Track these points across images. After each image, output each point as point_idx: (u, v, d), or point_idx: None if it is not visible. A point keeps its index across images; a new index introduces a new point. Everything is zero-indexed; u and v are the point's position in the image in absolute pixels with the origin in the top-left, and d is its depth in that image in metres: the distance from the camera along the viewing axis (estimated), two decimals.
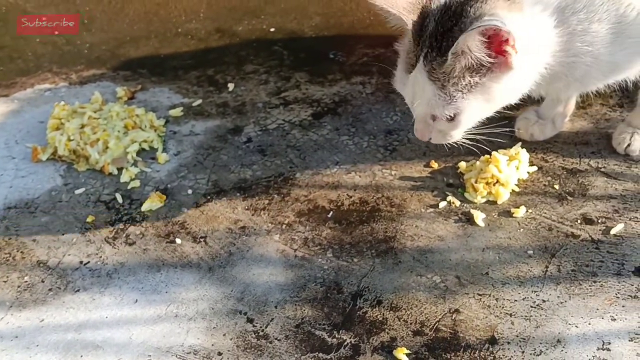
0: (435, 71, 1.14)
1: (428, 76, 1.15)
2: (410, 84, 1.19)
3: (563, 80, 1.28)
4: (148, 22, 2.08)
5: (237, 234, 1.42)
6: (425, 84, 1.16)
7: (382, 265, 1.33)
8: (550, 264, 1.31)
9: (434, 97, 1.16)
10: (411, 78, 1.19)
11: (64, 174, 1.57)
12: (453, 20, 1.12)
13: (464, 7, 1.12)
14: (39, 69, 1.92)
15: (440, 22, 1.13)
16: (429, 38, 1.13)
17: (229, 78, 1.85)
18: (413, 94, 1.20)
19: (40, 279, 1.34)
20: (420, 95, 1.18)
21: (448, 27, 1.12)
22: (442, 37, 1.12)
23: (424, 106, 1.19)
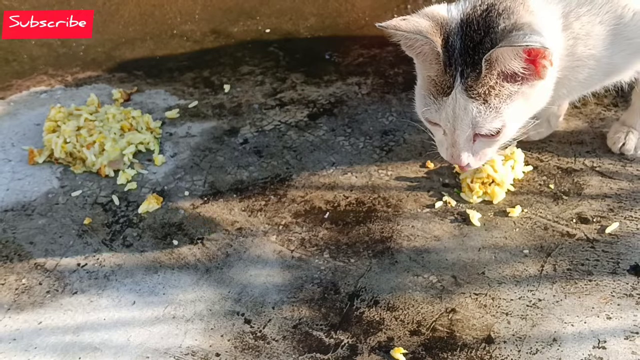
0: (473, 88, 1.12)
1: (468, 95, 1.12)
2: (450, 107, 1.15)
3: (566, 86, 1.28)
4: (143, 24, 2.08)
5: (234, 235, 1.42)
6: (467, 102, 1.13)
7: (378, 266, 1.34)
8: (546, 263, 1.32)
9: (479, 113, 1.13)
10: (449, 101, 1.14)
11: (60, 177, 1.57)
12: (480, 33, 1.11)
13: (488, 19, 1.11)
14: (35, 71, 1.92)
15: (466, 38, 1.11)
16: (461, 56, 1.12)
17: (225, 79, 1.85)
18: (454, 117, 1.15)
19: (38, 281, 1.35)
20: (462, 116, 1.14)
21: (477, 41, 1.11)
22: (473, 52, 1.11)
23: (468, 127, 1.16)
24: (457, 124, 1.16)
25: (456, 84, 1.13)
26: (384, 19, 2.01)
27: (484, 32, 1.11)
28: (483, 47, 1.10)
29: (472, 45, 1.11)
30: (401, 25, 1.11)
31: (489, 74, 1.11)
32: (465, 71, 1.12)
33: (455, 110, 1.14)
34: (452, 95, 1.13)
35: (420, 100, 1.21)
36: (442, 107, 1.15)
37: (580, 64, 1.24)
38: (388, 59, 1.89)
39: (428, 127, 1.26)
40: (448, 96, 1.14)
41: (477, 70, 1.11)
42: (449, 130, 1.18)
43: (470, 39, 1.11)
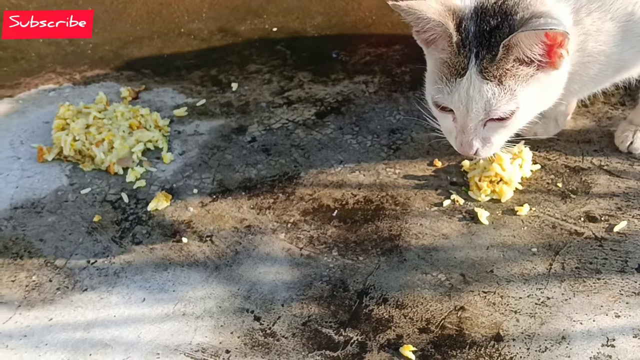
0: (488, 69, 1.13)
1: (483, 76, 1.13)
2: (463, 89, 1.15)
3: (577, 82, 1.29)
4: (151, 22, 2.09)
5: (242, 233, 1.43)
6: (481, 84, 1.14)
7: (387, 264, 1.34)
8: (555, 262, 1.32)
9: (493, 95, 1.14)
10: (463, 82, 1.15)
11: (69, 174, 1.58)
12: (497, 18, 1.13)
13: (504, 6, 1.13)
14: (43, 69, 1.92)
15: (481, 22, 1.13)
16: (476, 39, 1.13)
17: (233, 78, 1.86)
18: (467, 98, 1.16)
19: (48, 278, 1.35)
20: (477, 98, 1.15)
21: (494, 26, 1.12)
22: (489, 35, 1.12)
23: (482, 108, 1.16)
24: (471, 105, 1.16)
25: (470, 65, 1.14)
26: (391, 17, 2.05)
27: (500, 18, 1.12)
28: (501, 32, 1.11)
29: (488, 29, 1.12)
30: (414, 5, 1.12)
31: (506, 58, 1.12)
32: (481, 53, 1.13)
33: (469, 91, 1.15)
34: (467, 76, 1.14)
35: (431, 86, 1.22)
36: (455, 90, 1.16)
37: (591, 60, 1.25)
38: (395, 57, 1.90)
39: (436, 114, 1.26)
40: (462, 77, 1.15)
41: (493, 53, 1.12)
42: (461, 113, 1.18)
43: (486, 23, 1.13)
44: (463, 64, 1.14)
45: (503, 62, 1.12)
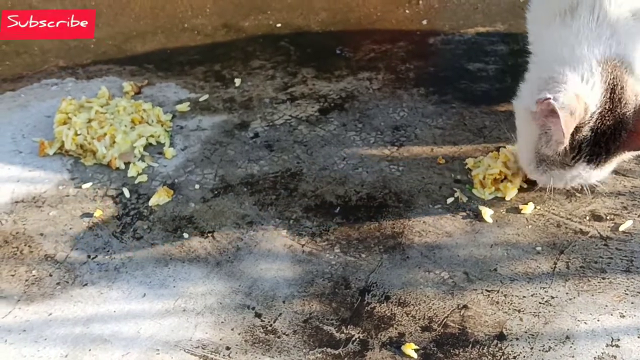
0: (597, 164, 1.20)
1: (591, 168, 1.20)
2: (568, 176, 1.23)
3: None
4: (154, 18, 2.08)
5: (244, 229, 1.42)
6: (587, 174, 1.22)
7: (390, 261, 1.33)
8: (559, 261, 1.31)
9: (595, 176, 1.24)
10: (567, 174, 1.23)
11: (71, 168, 1.57)
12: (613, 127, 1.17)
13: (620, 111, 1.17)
14: (45, 63, 1.91)
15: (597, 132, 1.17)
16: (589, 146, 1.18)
17: (236, 73, 1.85)
18: (566, 181, 1.26)
19: (48, 272, 1.34)
20: (577, 179, 1.25)
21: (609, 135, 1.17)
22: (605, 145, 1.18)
23: (574, 182, 1.27)
24: (571, 183, 1.26)
25: (580, 162, 1.20)
26: (396, 14, 2.03)
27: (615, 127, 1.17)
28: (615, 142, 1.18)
29: (604, 139, 1.17)
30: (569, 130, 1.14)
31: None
32: (593, 159, 1.19)
33: (570, 177, 1.24)
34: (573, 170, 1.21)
35: (531, 161, 1.27)
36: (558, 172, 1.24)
37: None
38: (399, 54, 1.88)
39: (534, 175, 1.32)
40: (566, 171, 1.22)
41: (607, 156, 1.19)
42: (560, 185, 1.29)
43: (602, 135, 1.17)
44: (571, 163, 1.20)
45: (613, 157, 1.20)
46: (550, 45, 1.22)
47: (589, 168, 1.20)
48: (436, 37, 1.94)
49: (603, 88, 1.15)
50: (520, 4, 2.05)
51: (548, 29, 1.24)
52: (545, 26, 1.26)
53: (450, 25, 1.99)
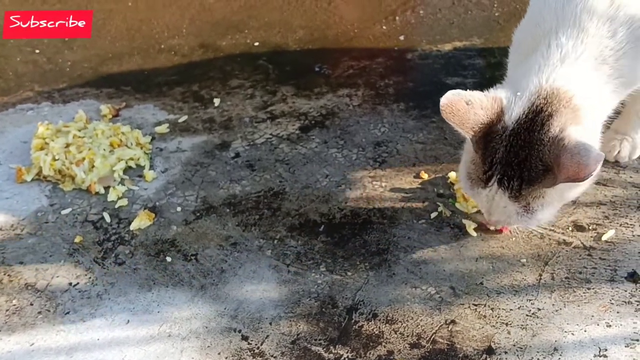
0: (514, 193, 1.14)
1: (508, 197, 1.15)
2: (486, 198, 1.18)
3: None
4: (130, 39, 2.06)
5: (228, 251, 1.40)
6: (506, 203, 1.16)
7: (376, 278, 1.32)
8: (544, 272, 1.31)
9: (516, 215, 1.17)
10: (486, 193, 1.17)
11: (49, 195, 1.54)
12: (526, 150, 1.12)
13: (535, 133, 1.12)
14: (20, 88, 1.89)
15: (512, 147, 1.12)
16: (502, 164, 1.13)
17: (215, 93, 1.84)
18: (489, 206, 1.20)
19: (29, 302, 1.31)
20: (499, 210, 1.19)
21: (523, 157, 1.12)
22: (519, 165, 1.12)
23: (503, 218, 1.21)
24: (494, 212, 1.20)
25: (493, 182, 1.15)
26: (373, 30, 2.05)
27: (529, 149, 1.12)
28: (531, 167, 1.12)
29: (516, 160, 1.12)
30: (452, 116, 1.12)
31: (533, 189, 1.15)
32: (506, 180, 1.14)
33: (492, 202, 1.18)
34: (490, 190, 1.17)
35: (464, 172, 1.23)
36: (479, 195, 1.19)
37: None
38: (378, 70, 1.89)
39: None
40: (484, 189, 1.17)
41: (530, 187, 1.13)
42: (485, 210, 1.23)
43: (515, 155, 1.12)
44: (483, 178, 1.16)
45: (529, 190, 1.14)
46: (517, 73, 1.24)
47: (502, 193, 1.14)
48: (414, 52, 1.96)
49: (527, 106, 1.12)
50: (495, 18, 2.08)
51: (522, 64, 1.26)
52: (519, 63, 1.29)
53: (428, 40, 2.00)
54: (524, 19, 1.38)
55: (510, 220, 1.21)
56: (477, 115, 1.11)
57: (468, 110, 1.10)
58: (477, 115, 1.11)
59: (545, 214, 1.18)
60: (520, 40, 1.36)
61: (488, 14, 2.11)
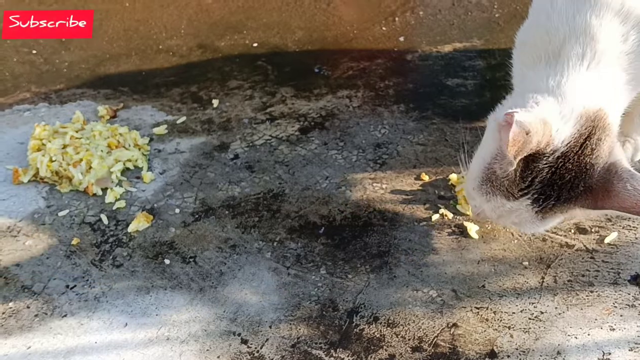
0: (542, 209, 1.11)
1: (533, 211, 1.11)
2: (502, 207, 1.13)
3: None
4: (128, 40, 2.05)
5: (227, 253, 1.39)
6: (526, 214, 1.12)
7: (377, 281, 1.31)
8: (547, 275, 1.30)
9: (529, 222, 1.14)
10: (506, 203, 1.12)
11: (46, 196, 1.52)
12: (573, 172, 1.09)
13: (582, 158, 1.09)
14: (17, 89, 1.87)
15: (557, 170, 1.09)
16: (542, 184, 1.09)
17: (213, 94, 1.82)
18: (501, 213, 1.14)
19: (26, 304, 1.30)
20: (511, 217, 1.14)
21: (567, 180, 1.09)
22: (559, 188, 1.09)
23: (510, 222, 1.17)
24: (503, 218, 1.15)
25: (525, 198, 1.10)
26: (372, 31, 2.04)
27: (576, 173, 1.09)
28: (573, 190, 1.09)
29: (560, 182, 1.09)
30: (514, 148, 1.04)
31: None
32: (541, 199, 1.10)
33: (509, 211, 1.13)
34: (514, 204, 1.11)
35: (478, 175, 1.15)
36: (494, 202, 1.13)
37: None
38: (378, 71, 1.88)
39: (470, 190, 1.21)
40: (507, 200, 1.11)
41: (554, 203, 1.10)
42: (490, 217, 1.18)
43: (560, 177, 1.09)
44: (516, 195, 1.10)
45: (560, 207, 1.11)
46: (535, 81, 1.19)
47: (531, 208, 1.11)
48: (414, 53, 1.95)
49: (577, 130, 1.09)
50: (495, 19, 2.07)
51: (533, 69, 1.22)
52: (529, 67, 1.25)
53: (427, 41, 1.99)
54: (528, 22, 1.34)
55: (516, 226, 1.18)
56: (531, 143, 1.06)
57: (527, 141, 1.05)
58: (531, 143, 1.06)
59: (556, 223, 1.17)
60: (526, 43, 1.32)
61: (488, 15, 2.10)
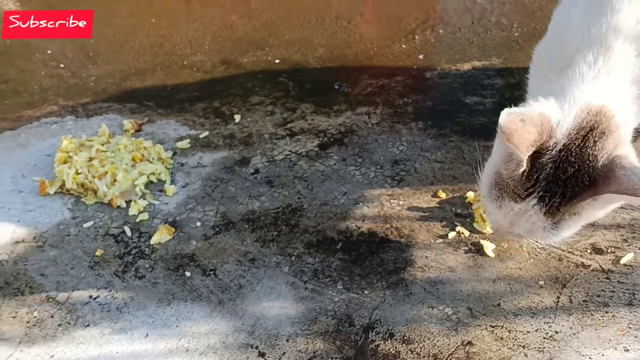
0: (551, 209, 1.10)
1: (543, 213, 1.10)
2: (512, 212, 1.13)
3: None
4: (153, 55, 2.10)
5: (246, 266, 1.41)
6: (536, 219, 1.11)
7: (393, 297, 1.33)
8: (562, 295, 1.31)
9: (542, 230, 1.12)
10: (516, 207, 1.12)
11: (71, 208, 1.57)
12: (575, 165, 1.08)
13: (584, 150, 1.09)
14: (45, 102, 1.92)
15: (561, 164, 1.08)
16: (547, 180, 1.09)
17: (235, 109, 1.86)
18: (512, 220, 1.14)
19: (50, 314, 1.34)
20: (523, 224, 1.13)
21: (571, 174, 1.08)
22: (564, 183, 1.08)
23: (524, 231, 1.15)
24: (515, 226, 1.15)
25: (532, 198, 1.10)
26: (392, 49, 2.06)
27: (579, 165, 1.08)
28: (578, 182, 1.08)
29: (563, 177, 1.08)
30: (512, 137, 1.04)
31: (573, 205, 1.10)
32: (547, 196, 1.09)
33: (519, 216, 1.12)
34: (522, 205, 1.11)
35: (488, 181, 1.16)
36: (505, 206, 1.13)
37: None
38: (397, 88, 1.91)
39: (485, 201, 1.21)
40: (516, 203, 1.11)
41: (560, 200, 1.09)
42: (503, 225, 1.17)
43: (563, 171, 1.08)
44: (522, 195, 1.10)
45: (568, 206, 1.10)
46: (547, 90, 1.21)
47: (539, 209, 1.10)
48: (433, 71, 1.97)
49: (578, 123, 1.09)
50: (514, 38, 2.09)
51: (547, 81, 1.24)
52: (544, 79, 1.27)
53: (447, 59, 2.01)
54: (546, 36, 1.37)
55: (532, 235, 1.16)
56: (530, 134, 1.06)
57: (523, 128, 1.05)
58: (530, 133, 1.06)
59: (570, 231, 1.15)
60: (542, 57, 1.35)
61: (507, 34, 2.12)
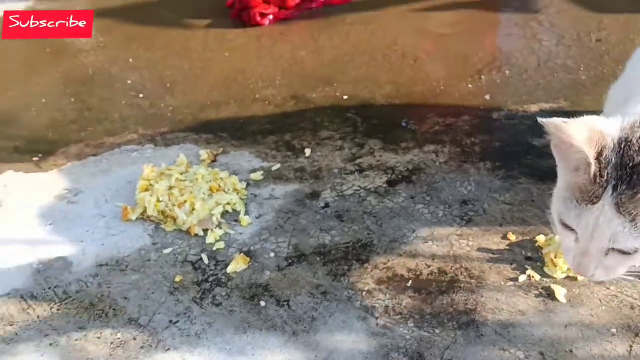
0: (625, 205, 1.10)
1: (617, 209, 1.10)
2: (593, 216, 1.13)
3: None
4: (227, 88, 2.19)
5: (319, 299, 1.46)
6: (613, 216, 1.11)
7: (464, 338, 1.35)
8: (634, 344, 1.31)
9: (623, 230, 1.11)
10: (594, 210, 1.12)
11: (152, 234, 1.64)
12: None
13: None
14: (125, 130, 2.02)
15: (624, 156, 1.10)
16: (616, 171, 1.10)
17: (306, 143, 1.92)
18: (595, 226, 1.13)
19: (133, 336, 1.40)
20: (604, 229, 1.12)
21: (638, 162, 1.10)
22: (632, 172, 1.09)
23: (607, 240, 1.14)
24: (597, 234, 1.14)
25: (606, 195, 1.10)
26: (459, 88, 2.10)
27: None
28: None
29: (631, 165, 1.10)
30: (563, 127, 1.09)
31: None
32: (620, 187, 1.10)
33: (598, 220, 1.12)
34: (599, 206, 1.11)
35: (560, 202, 1.19)
36: (584, 215, 1.14)
37: None
38: (464, 128, 1.94)
39: (560, 230, 1.23)
40: (594, 205, 1.12)
41: (635, 191, 1.09)
42: (586, 238, 1.16)
43: (630, 159, 1.10)
44: (598, 193, 1.11)
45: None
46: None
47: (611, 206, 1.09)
48: (500, 112, 2.00)
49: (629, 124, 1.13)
50: (581, 82, 2.11)
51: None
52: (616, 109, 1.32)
53: (514, 100, 2.04)
54: (619, 79, 1.48)
55: (616, 243, 1.14)
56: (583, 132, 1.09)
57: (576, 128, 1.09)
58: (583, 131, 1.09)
59: None
60: (611, 98, 1.45)
61: (574, 77, 2.14)
